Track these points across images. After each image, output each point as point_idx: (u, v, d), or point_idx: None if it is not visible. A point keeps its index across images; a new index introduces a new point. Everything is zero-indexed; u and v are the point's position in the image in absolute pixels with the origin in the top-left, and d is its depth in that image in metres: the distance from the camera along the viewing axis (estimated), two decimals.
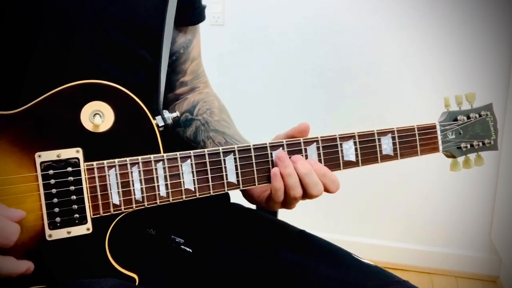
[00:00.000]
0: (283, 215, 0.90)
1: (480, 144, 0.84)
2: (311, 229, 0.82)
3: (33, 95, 0.61)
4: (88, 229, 0.61)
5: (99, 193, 0.62)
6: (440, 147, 0.79)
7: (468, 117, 0.83)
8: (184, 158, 0.65)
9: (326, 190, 0.69)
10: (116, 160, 0.62)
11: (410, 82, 1.81)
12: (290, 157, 0.68)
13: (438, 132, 0.79)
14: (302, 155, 0.70)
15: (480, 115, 0.84)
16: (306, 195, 0.68)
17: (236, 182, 0.67)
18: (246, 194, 0.77)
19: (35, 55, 0.67)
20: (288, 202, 0.69)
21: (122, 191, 0.62)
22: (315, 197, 0.69)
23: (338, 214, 1.95)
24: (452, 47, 1.74)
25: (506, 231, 1.70)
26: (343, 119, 1.88)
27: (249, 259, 0.74)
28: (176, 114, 0.72)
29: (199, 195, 0.66)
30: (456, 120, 0.81)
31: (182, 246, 0.76)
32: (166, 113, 0.71)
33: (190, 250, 0.76)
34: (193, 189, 0.65)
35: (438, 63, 1.77)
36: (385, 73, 1.82)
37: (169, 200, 0.65)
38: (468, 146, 0.82)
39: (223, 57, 1.93)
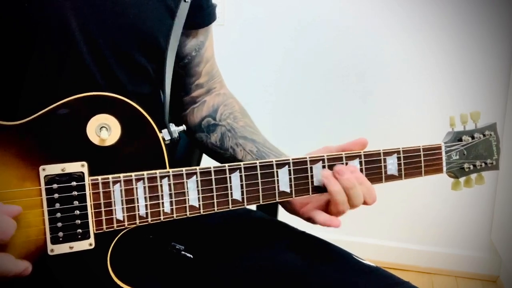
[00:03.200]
0: (284, 215, 0.90)
1: (483, 164, 0.84)
2: (312, 229, 0.82)
3: (33, 105, 0.60)
4: (90, 245, 0.61)
5: (103, 208, 0.61)
6: (444, 168, 0.79)
7: (473, 137, 0.82)
8: (189, 175, 0.64)
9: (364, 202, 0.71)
10: (121, 175, 0.61)
11: (410, 79, 1.80)
12: (324, 166, 0.69)
13: (443, 153, 0.79)
14: (308, 175, 0.69)
15: (484, 135, 0.84)
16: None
17: (240, 200, 0.67)
18: (288, 208, 0.77)
19: (35, 61, 0.65)
20: (333, 214, 0.71)
21: (126, 207, 0.62)
22: (354, 208, 0.71)
23: None
24: (452, 44, 1.74)
25: (506, 231, 1.70)
26: (340, 116, 1.87)
27: (250, 261, 0.74)
28: (183, 127, 0.71)
29: (203, 212, 0.65)
30: (460, 140, 0.81)
31: (183, 252, 0.75)
32: (173, 127, 0.70)
33: (191, 256, 0.75)
34: (197, 206, 0.65)
35: (438, 62, 1.77)
36: (384, 71, 1.82)
37: (173, 217, 0.64)
38: (471, 166, 0.83)
39: (223, 57, 1.90)
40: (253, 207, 0.92)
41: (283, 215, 0.91)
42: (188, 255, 0.75)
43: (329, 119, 1.89)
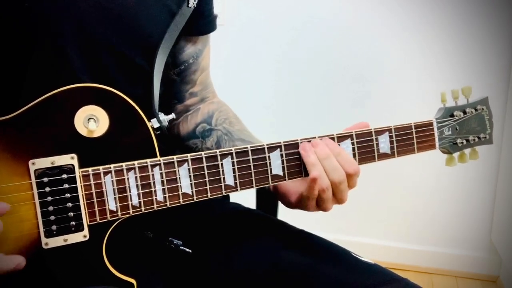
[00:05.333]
0: (283, 215, 0.90)
1: (476, 139, 0.84)
2: (311, 229, 0.82)
3: (30, 100, 0.59)
4: (84, 236, 0.60)
5: (95, 199, 0.60)
6: (437, 144, 0.79)
7: (464, 112, 0.82)
8: (181, 162, 0.64)
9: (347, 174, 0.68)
10: (112, 165, 0.61)
11: (410, 79, 1.80)
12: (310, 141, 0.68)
13: (435, 129, 0.78)
14: (299, 157, 0.69)
15: (476, 110, 0.84)
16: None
17: (233, 185, 0.67)
18: (283, 199, 0.76)
19: (33, 59, 0.65)
20: (320, 199, 0.69)
21: (118, 197, 0.61)
22: (337, 185, 0.68)
23: (338, 214, 1.93)
24: (453, 44, 1.74)
25: (506, 231, 1.69)
26: (340, 116, 1.86)
27: (249, 259, 0.74)
28: (172, 116, 0.71)
29: (197, 198, 0.65)
30: (452, 116, 0.81)
31: (181, 247, 0.75)
32: (162, 115, 0.69)
33: (190, 251, 0.75)
34: (190, 193, 0.65)
35: (438, 61, 1.76)
36: (384, 71, 1.81)
37: (166, 205, 0.64)
38: (464, 141, 0.82)
39: (223, 57, 1.89)
40: (252, 206, 0.91)
41: (282, 215, 0.91)
42: (187, 249, 0.75)
43: (329, 119, 1.88)
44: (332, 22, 1.80)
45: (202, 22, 0.84)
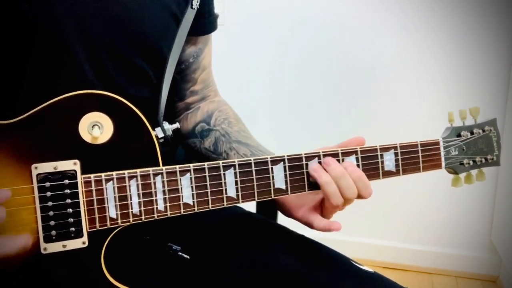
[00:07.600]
0: (283, 219, 0.89)
1: (483, 160, 0.83)
2: (311, 231, 0.81)
3: (32, 104, 0.60)
4: (83, 243, 0.60)
5: (96, 206, 0.60)
6: (443, 164, 0.78)
7: (472, 133, 0.82)
8: (183, 172, 0.64)
9: (358, 195, 0.70)
10: (114, 173, 0.61)
11: (409, 80, 1.80)
12: (320, 162, 0.69)
13: (441, 149, 0.78)
14: (303, 171, 0.69)
15: (483, 131, 0.83)
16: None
17: (235, 197, 0.66)
18: (285, 211, 0.78)
19: (34, 62, 0.65)
20: (328, 211, 0.72)
21: (119, 204, 0.61)
22: (349, 202, 0.71)
23: (338, 215, 1.93)
24: (452, 44, 1.74)
25: (506, 231, 1.70)
26: (338, 116, 1.87)
27: (247, 264, 0.74)
28: (176, 125, 0.71)
29: (198, 209, 0.65)
30: (459, 135, 0.80)
31: (180, 253, 0.75)
32: (166, 125, 0.70)
33: (188, 257, 0.75)
34: (191, 204, 0.64)
35: (438, 61, 1.76)
36: (383, 71, 1.81)
37: (167, 214, 0.64)
38: (471, 162, 0.81)
39: (223, 57, 1.91)
40: (252, 209, 0.91)
41: (282, 219, 0.90)
42: (185, 256, 0.75)
43: (329, 119, 1.89)
44: (333, 22, 1.81)
45: (203, 22, 0.85)
